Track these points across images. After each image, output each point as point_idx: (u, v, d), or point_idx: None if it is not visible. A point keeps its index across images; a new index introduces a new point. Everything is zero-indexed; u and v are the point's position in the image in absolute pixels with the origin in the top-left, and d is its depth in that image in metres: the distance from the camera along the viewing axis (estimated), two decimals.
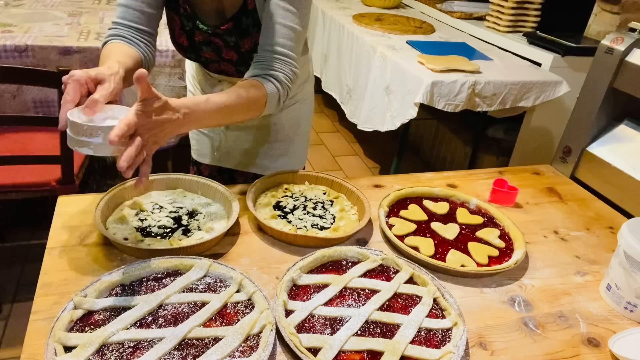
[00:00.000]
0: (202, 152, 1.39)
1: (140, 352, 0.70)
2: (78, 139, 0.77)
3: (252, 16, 1.10)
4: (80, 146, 0.77)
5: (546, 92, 2.17)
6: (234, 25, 1.11)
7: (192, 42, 1.16)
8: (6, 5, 2.34)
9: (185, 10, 1.11)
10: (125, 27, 1.06)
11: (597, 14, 2.55)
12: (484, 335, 0.83)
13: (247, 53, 1.15)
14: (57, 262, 0.87)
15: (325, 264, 0.92)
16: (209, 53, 1.18)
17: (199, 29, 1.13)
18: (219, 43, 1.15)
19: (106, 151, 0.77)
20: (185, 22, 1.13)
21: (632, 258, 0.87)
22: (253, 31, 1.11)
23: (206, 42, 1.16)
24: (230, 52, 1.16)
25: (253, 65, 1.07)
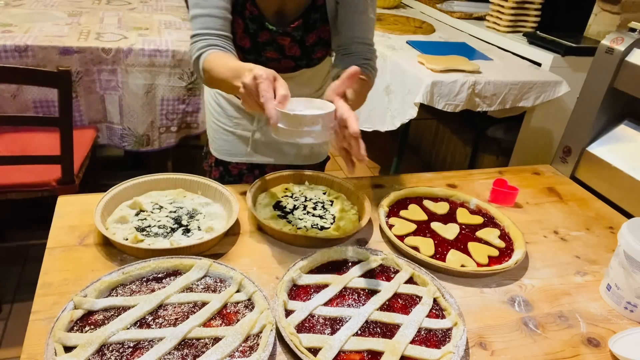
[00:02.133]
0: (234, 152, 1.39)
1: (140, 352, 0.70)
2: (299, 130, 0.82)
3: (320, 11, 1.14)
4: (302, 136, 0.82)
5: (546, 92, 2.17)
6: (303, 21, 1.15)
7: (255, 44, 1.18)
8: (6, 5, 2.34)
9: (252, 13, 1.13)
10: (215, 37, 1.07)
11: (597, 14, 2.55)
12: (484, 335, 0.83)
13: (310, 47, 1.19)
14: (57, 262, 0.87)
15: (325, 264, 0.92)
16: (271, 52, 1.19)
17: (267, 29, 1.15)
18: (283, 41, 1.17)
19: (324, 137, 0.84)
20: (249, 25, 1.15)
21: (632, 258, 0.87)
22: (319, 25, 1.16)
23: (270, 42, 1.18)
24: (294, 48, 1.19)
25: (347, 57, 1.14)
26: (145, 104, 2.08)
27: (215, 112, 1.37)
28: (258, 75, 0.82)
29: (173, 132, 2.20)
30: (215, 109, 1.37)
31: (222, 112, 1.36)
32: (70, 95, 1.56)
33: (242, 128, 1.35)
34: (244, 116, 1.33)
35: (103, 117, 2.13)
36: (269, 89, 0.81)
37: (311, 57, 1.22)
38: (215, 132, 1.39)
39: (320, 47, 1.20)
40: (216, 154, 1.41)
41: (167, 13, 2.60)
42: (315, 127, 0.82)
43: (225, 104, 1.34)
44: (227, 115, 1.35)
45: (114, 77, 2.03)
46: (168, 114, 2.14)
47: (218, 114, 1.36)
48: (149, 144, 2.18)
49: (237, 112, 1.34)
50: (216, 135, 1.39)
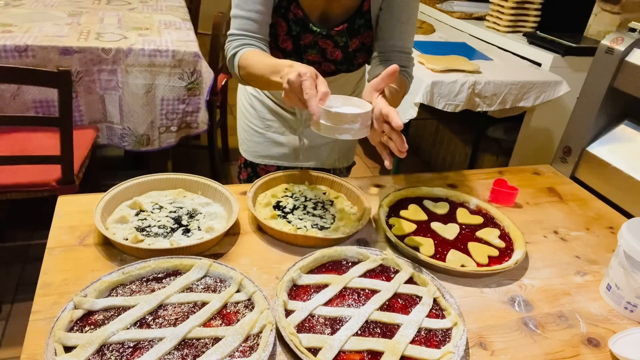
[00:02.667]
0: (263, 154, 1.39)
1: (140, 352, 0.70)
2: (340, 127, 0.86)
3: (364, 17, 1.16)
4: (341, 133, 0.87)
5: (546, 92, 2.17)
6: (348, 26, 1.16)
7: (297, 46, 1.19)
8: (6, 5, 2.34)
9: (296, 16, 1.14)
10: (250, 38, 1.10)
11: (597, 14, 2.55)
12: (484, 335, 0.83)
13: (352, 52, 1.21)
14: (57, 262, 0.87)
15: (325, 264, 0.92)
16: (313, 55, 1.21)
17: (312, 31, 1.16)
18: (326, 44, 1.18)
19: (361, 134, 0.89)
20: (293, 27, 1.16)
21: (632, 258, 0.87)
22: (363, 31, 1.18)
23: (312, 45, 1.19)
24: (336, 52, 1.20)
25: (382, 64, 1.17)
26: (145, 104, 2.08)
27: (247, 113, 1.38)
28: (302, 73, 0.85)
29: (173, 132, 2.20)
30: (247, 110, 1.38)
31: (254, 114, 1.36)
32: (70, 95, 1.56)
33: (273, 130, 1.36)
34: (277, 119, 1.34)
35: (103, 117, 2.13)
36: (312, 87, 0.85)
37: (352, 62, 1.23)
38: (246, 134, 1.40)
39: (362, 52, 1.22)
40: (245, 155, 1.42)
41: (167, 13, 2.60)
42: (355, 125, 0.87)
43: (258, 106, 1.35)
44: (259, 117, 1.35)
45: (114, 77, 2.03)
46: (168, 114, 2.14)
47: (250, 115, 1.37)
48: (149, 143, 2.18)
49: (270, 114, 1.34)
50: (247, 136, 1.40)
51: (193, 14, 3.02)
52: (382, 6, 1.16)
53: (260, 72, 1.01)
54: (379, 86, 0.92)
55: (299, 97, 0.87)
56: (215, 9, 2.60)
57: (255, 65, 1.04)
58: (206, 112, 2.23)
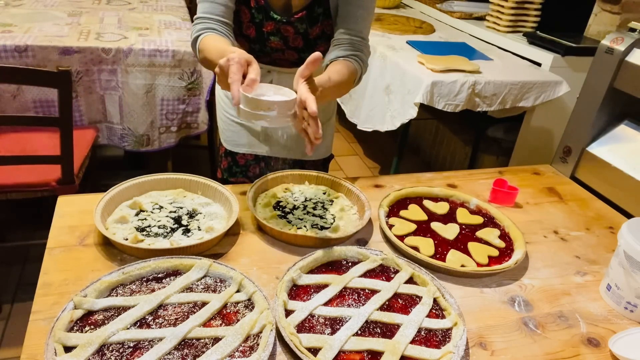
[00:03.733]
0: (240, 142, 1.42)
1: (140, 352, 0.70)
2: (255, 113, 0.86)
3: (323, 5, 1.19)
4: (257, 119, 0.87)
5: (546, 92, 2.17)
6: (307, 13, 1.18)
7: (260, 33, 1.21)
8: (6, 5, 2.34)
9: (258, 3, 1.17)
10: (213, 21, 1.13)
11: (597, 14, 2.55)
12: (484, 335, 0.83)
13: (313, 40, 1.23)
14: (57, 262, 0.87)
15: (325, 264, 0.92)
16: (276, 42, 1.23)
17: (273, 18, 1.19)
18: (287, 32, 1.21)
19: (279, 123, 0.88)
20: (255, 14, 1.19)
21: (632, 258, 0.87)
22: (322, 19, 1.20)
23: (274, 32, 1.21)
24: (297, 40, 1.22)
25: (336, 48, 1.16)
26: (145, 104, 2.08)
27: (223, 102, 1.41)
28: (231, 58, 0.86)
29: (173, 132, 2.20)
30: (223, 100, 1.41)
31: (229, 103, 1.39)
32: (70, 95, 1.56)
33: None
34: None
35: (103, 117, 2.13)
36: (237, 72, 0.86)
37: (314, 50, 1.22)
38: (224, 123, 1.43)
39: (323, 40, 1.24)
40: (225, 144, 1.45)
41: (167, 13, 2.60)
42: (271, 112, 0.87)
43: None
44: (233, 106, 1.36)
45: (114, 77, 2.03)
46: (168, 114, 2.14)
47: (226, 104, 1.40)
48: (149, 144, 2.18)
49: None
50: (224, 126, 1.43)
51: (193, 14, 3.02)
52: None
53: (211, 57, 1.04)
54: (303, 73, 0.91)
55: (225, 82, 0.88)
56: None
57: (209, 49, 1.06)
58: (206, 112, 2.23)
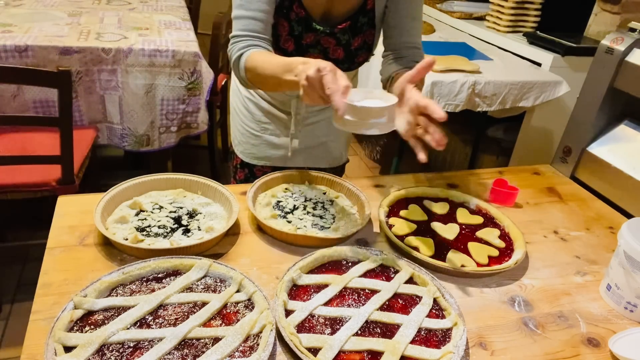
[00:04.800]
0: (260, 155, 1.39)
1: (140, 352, 0.70)
2: (366, 122, 0.84)
3: (368, 15, 1.16)
4: (368, 128, 0.84)
5: (546, 92, 2.17)
6: (351, 24, 1.16)
7: (299, 46, 1.18)
8: (6, 5, 2.34)
9: (298, 15, 1.13)
10: (255, 38, 1.08)
11: (597, 14, 2.55)
12: (484, 335, 0.83)
13: (354, 50, 1.20)
14: (57, 262, 0.87)
15: (325, 264, 0.92)
16: (314, 55, 1.20)
17: (314, 30, 1.15)
18: (328, 43, 1.18)
19: (388, 128, 0.86)
20: (295, 27, 1.14)
21: (632, 258, 0.87)
22: (365, 29, 1.18)
23: (314, 44, 1.18)
24: (338, 51, 1.20)
25: (396, 60, 1.16)
26: (145, 104, 2.08)
27: (243, 116, 1.38)
28: (322, 68, 0.83)
29: (173, 132, 2.20)
30: (242, 113, 1.38)
31: (250, 117, 1.36)
32: (70, 95, 1.56)
33: (269, 133, 1.35)
34: (272, 121, 1.34)
35: (103, 117, 2.13)
36: (334, 81, 0.82)
37: (353, 61, 1.23)
38: (243, 136, 1.40)
39: (363, 51, 1.22)
40: (242, 156, 1.41)
41: (167, 13, 2.60)
42: (382, 119, 0.84)
43: (254, 109, 1.34)
44: (254, 119, 1.35)
45: (114, 77, 2.03)
46: (168, 114, 2.14)
47: (246, 117, 1.37)
48: (149, 144, 2.18)
49: (265, 117, 1.34)
50: (243, 138, 1.40)
51: (193, 14, 3.03)
52: (387, 4, 1.16)
53: (270, 72, 0.99)
54: (413, 79, 0.91)
55: (318, 94, 0.85)
56: (215, 9, 2.60)
57: (263, 65, 1.01)
58: (206, 112, 2.23)
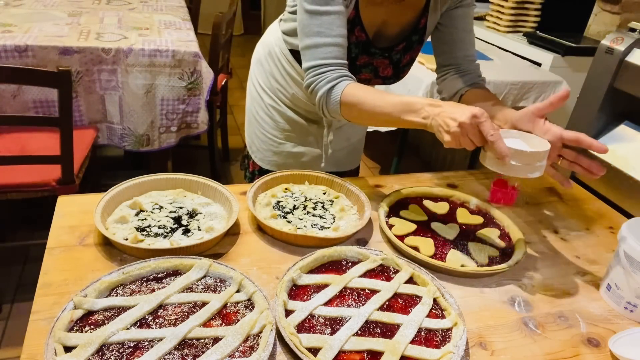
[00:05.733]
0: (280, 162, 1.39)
1: (140, 352, 0.70)
2: (534, 166, 0.86)
3: (419, 33, 1.18)
4: (533, 172, 0.86)
5: (546, 92, 2.17)
6: (406, 44, 1.17)
7: (353, 66, 1.17)
8: (6, 5, 2.35)
9: (359, 38, 1.12)
10: (342, 67, 1.05)
11: (597, 14, 2.55)
12: (484, 335, 0.83)
13: (402, 67, 1.23)
14: (57, 262, 0.87)
15: (325, 264, 0.92)
16: (366, 74, 1.21)
17: (371, 53, 1.16)
18: (381, 64, 1.18)
19: (542, 170, 0.88)
20: (353, 49, 1.14)
21: (632, 258, 0.87)
22: (415, 46, 1.20)
23: (366, 65, 1.19)
24: (387, 69, 1.20)
25: (460, 76, 1.18)
26: (145, 104, 2.08)
27: (264, 123, 1.37)
28: (479, 114, 0.84)
29: (173, 132, 2.20)
30: (264, 121, 1.37)
31: (273, 125, 1.35)
32: (70, 95, 1.56)
33: (292, 140, 1.36)
34: (297, 129, 1.34)
35: (103, 117, 2.13)
36: (493, 128, 0.84)
37: (399, 76, 1.25)
38: (264, 144, 1.39)
39: (408, 66, 1.24)
40: (261, 163, 1.41)
41: (167, 13, 2.61)
42: (544, 161, 0.87)
43: (278, 117, 1.34)
44: (278, 128, 1.35)
45: (114, 77, 2.03)
46: (168, 114, 2.14)
47: (269, 125, 1.36)
48: (149, 144, 2.18)
49: (289, 125, 1.34)
50: (264, 146, 1.39)
51: (193, 14, 3.03)
52: (441, 21, 1.17)
53: (382, 110, 0.96)
54: (543, 112, 0.93)
55: (470, 139, 0.86)
56: (215, 9, 2.60)
57: (372, 102, 0.98)
58: (206, 112, 2.23)
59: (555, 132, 0.91)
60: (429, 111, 0.90)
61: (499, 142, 0.83)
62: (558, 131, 0.91)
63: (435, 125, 0.90)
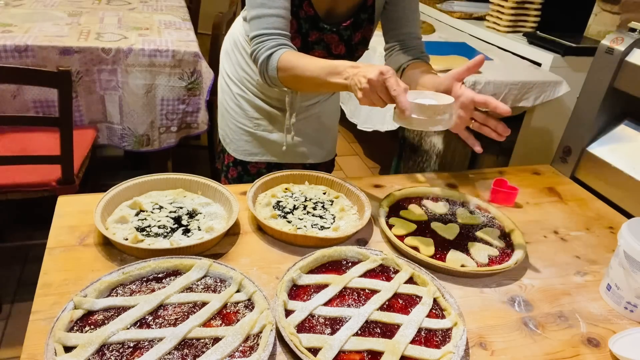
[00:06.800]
0: (253, 151, 1.41)
1: (140, 352, 0.70)
2: (433, 119, 0.89)
3: (367, 11, 1.21)
4: (434, 125, 0.90)
5: (546, 92, 2.17)
6: (353, 21, 1.20)
7: (305, 43, 1.21)
8: (6, 5, 2.34)
9: (307, 13, 1.16)
10: (283, 37, 1.09)
11: (597, 14, 2.55)
12: (484, 335, 0.83)
13: (354, 45, 1.26)
14: (57, 262, 0.87)
15: (325, 264, 0.92)
16: (319, 51, 1.23)
17: (320, 28, 1.19)
18: (331, 40, 1.21)
19: (449, 124, 0.92)
20: (303, 24, 1.17)
21: (632, 258, 0.87)
22: (365, 25, 1.23)
23: (318, 41, 1.21)
24: (340, 47, 1.23)
25: (403, 52, 1.22)
26: (145, 104, 2.08)
27: (234, 113, 1.39)
28: (385, 71, 0.87)
29: (173, 132, 2.20)
30: (234, 110, 1.38)
31: (242, 114, 1.37)
32: (70, 95, 1.56)
33: (262, 129, 1.37)
34: (265, 117, 1.36)
35: (103, 117, 2.13)
36: (398, 84, 0.87)
37: (353, 55, 1.27)
38: (235, 133, 1.40)
39: (361, 45, 1.26)
40: (235, 154, 1.42)
41: (167, 13, 2.60)
42: (445, 116, 0.90)
43: (246, 106, 1.36)
44: (247, 116, 1.36)
45: (114, 77, 2.03)
46: (168, 114, 2.14)
47: (238, 115, 1.38)
48: (149, 144, 2.18)
49: (258, 113, 1.36)
50: (235, 136, 1.40)
51: (193, 14, 3.02)
52: (388, 0, 1.21)
53: (311, 74, 1.01)
54: (462, 76, 0.98)
55: (378, 96, 0.90)
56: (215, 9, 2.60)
57: (303, 66, 1.03)
58: (206, 112, 2.23)
59: (468, 95, 0.96)
60: (349, 72, 0.94)
61: (401, 97, 0.86)
62: (470, 94, 0.95)
63: (352, 84, 0.93)
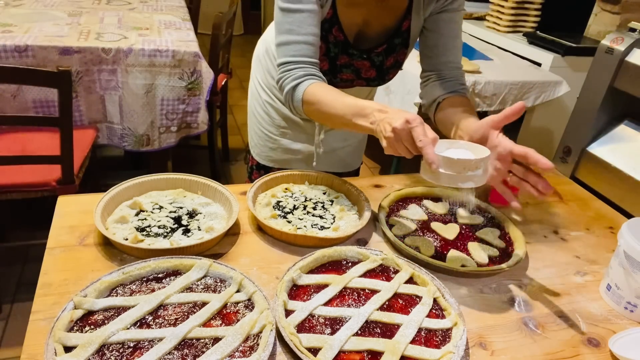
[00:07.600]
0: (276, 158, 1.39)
1: (140, 352, 0.70)
2: (463, 175, 0.80)
3: (402, 36, 1.16)
4: (465, 181, 0.80)
5: (546, 92, 2.17)
6: (387, 47, 1.15)
7: (333, 66, 1.17)
8: (6, 5, 2.35)
9: (337, 38, 1.12)
10: (311, 65, 1.04)
11: (597, 14, 2.55)
12: (484, 335, 0.83)
13: (386, 69, 1.21)
14: (57, 262, 0.87)
15: (325, 264, 0.92)
16: (347, 74, 1.20)
17: (350, 54, 1.14)
18: (362, 65, 1.17)
19: (483, 180, 0.82)
20: (332, 49, 1.14)
21: (632, 258, 0.87)
22: (398, 50, 1.18)
23: (347, 65, 1.18)
24: (370, 71, 1.19)
25: (440, 83, 1.13)
26: (145, 104, 2.08)
27: (262, 119, 1.38)
28: (411, 120, 0.81)
29: (173, 132, 2.20)
30: (262, 117, 1.38)
31: (269, 121, 1.37)
32: (70, 95, 1.56)
33: (288, 137, 1.37)
34: (292, 126, 1.35)
35: (103, 117, 2.13)
36: (424, 134, 0.80)
37: (384, 78, 1.24)
38: (260, 139, 1.41)
39: (394, 69, 1.22)
40: (258, 159, 1.43)
41: (167, 13, 2.61)
42: (478, 171, 0.81)
43: (273, 113, 1.35)
44: (274, 124, 1.36)
45: (114, 77, 2.03)
46: (168, 114, 2.14)
47: (265, 121, 1.38)
48: (149, 144, 2.19)
49: (284, 122, 1.35)
50: (261, 141, 1.41)
51: (193, 14, 3.03)
52: (426, 25, 1.15)
53: (336, 112, 0.96)
54: (500, 124, 0.89)
55: (404, 146, 0.83)
56: (215, 9, 2.60)
57: (329, 103, 0.97)
58: (206, 112, 2.23)
59: (506, 146, 0.86)
60: (377, 117, 0.88)
61: (427, 148, 0.78)
62: (509, 145, 0.86)
63: (378, 131, 0.87)
